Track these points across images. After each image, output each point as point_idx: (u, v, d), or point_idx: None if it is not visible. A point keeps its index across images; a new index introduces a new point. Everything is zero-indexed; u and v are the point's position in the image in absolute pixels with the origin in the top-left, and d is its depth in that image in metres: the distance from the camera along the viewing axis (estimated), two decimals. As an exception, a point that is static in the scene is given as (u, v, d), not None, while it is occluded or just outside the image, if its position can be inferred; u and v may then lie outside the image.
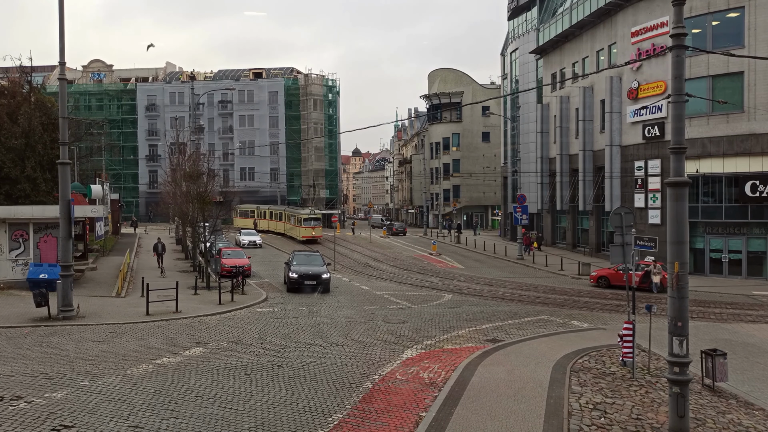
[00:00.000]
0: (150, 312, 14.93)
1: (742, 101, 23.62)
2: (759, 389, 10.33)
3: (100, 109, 62.15)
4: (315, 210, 42.21)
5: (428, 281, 23.97)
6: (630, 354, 10.72)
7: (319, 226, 39.68)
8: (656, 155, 26.37)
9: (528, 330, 14.62)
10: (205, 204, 21.83)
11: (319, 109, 62.22)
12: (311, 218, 39.15)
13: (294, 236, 40.57)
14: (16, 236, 18.25)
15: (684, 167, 7.94)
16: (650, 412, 8.79)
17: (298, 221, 39.94)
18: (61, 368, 10.14)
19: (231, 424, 7.82)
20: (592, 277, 23.13)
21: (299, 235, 39.21)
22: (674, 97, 7.88)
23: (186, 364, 10.67)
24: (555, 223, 37.87)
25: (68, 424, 7.53)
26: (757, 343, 13.46)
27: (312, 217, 39.30)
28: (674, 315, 7.73)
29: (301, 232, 39.00)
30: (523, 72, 41.72)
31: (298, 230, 39.75)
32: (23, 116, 23.05)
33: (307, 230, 38.63)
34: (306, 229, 38.69)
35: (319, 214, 41.49)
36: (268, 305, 17.52)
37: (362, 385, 9.73)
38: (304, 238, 38.30)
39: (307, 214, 39.50)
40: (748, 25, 23.45)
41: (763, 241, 24.11)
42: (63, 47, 13.89)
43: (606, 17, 30.14)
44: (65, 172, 14.20)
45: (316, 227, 39.21)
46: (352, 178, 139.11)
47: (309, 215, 39.42)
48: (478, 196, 58.67)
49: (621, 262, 11.06)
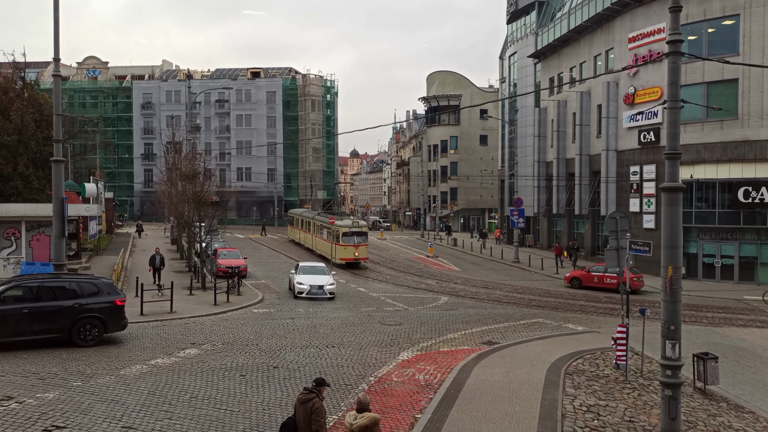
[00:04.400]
0: (144, 312, 14.86)
1: (736, 108, 23.85)
2: (749, 392, 10.42)
3: (95, 106, 61.74)
4: (359, 220, 29.00)
5: (425, 283, 23.98)
6: (623, 357, 10.78)
7: (364, 244, 26.97)
8: (651, 160, 26.57)
9: (523, 332, 14.67)
10: (201, 204, 21.73)
11: (317, 109, 62.19)
12: (354, 232, 26.55)
13: (325, 255, 28.15)
14: (8, 234, 18.10)
15: (679, 173, 8.02)
16: (643, 414, 8.85)
17: (334, 235, 27.16)
18: (53, 368, 10.06)
19: (226, 426, 7.79)
20: (566, 278, 24.04)
21: (335, 255, 26.75)
22: (670, 103, 7.96)
23: (180, 364, 10.62)
24: (551, 226, 38.03)
25: (60, 424, 7.47)
26: (748, 347, 13.58)
27: (355, 230, 26.65)
28: (667, 319, 7.79)
29: (339, 252, 26.48)
30: (521, 76, 41.92)
31: (332, 248, 27.13)
32: (16, 113, 22.87)
33: (348, 250, 26.18)
34: (346, 249, 26.22)
35: (365, 226, 28.39)
36: (263, 306, 17.47)
37: (358, 386, 9.72)
38: (343, 261, 26.33)
39: (348, 226, 26.70)
40: (743, 33, 23.70)
41: (755, 246, 24.33)
42: (57, 43, 13.81)
43: (604, 22, 30.36)
44: (59, 170, 14.11)
45: (360, 245, 26.56)
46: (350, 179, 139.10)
47: (351, 227, 26.66)
48: (476, 199, 58.83)
49: (616, 265, 11.13)
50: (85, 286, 11.92)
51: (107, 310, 11.83)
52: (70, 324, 11.43)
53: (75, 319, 11.44)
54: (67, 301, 11.49)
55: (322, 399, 5.96)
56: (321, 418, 5.71)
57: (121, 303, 12.20)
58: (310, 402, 5.77)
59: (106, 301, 11.89)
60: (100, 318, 11.69)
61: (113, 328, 12.05)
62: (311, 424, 5.66)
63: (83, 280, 12.34)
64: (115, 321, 12.00)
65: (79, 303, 11.56)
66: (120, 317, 12.14)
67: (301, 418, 5.76)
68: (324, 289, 18.64)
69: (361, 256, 26.71)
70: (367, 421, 5.65)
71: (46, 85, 40.81)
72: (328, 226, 28.33)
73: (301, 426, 5.75)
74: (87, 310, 11.57)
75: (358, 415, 5.75)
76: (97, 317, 11.65)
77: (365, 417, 5.70)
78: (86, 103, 61.70)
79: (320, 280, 18.96)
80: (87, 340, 11.54)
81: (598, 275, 22.78)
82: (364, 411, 5.79)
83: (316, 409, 5.71)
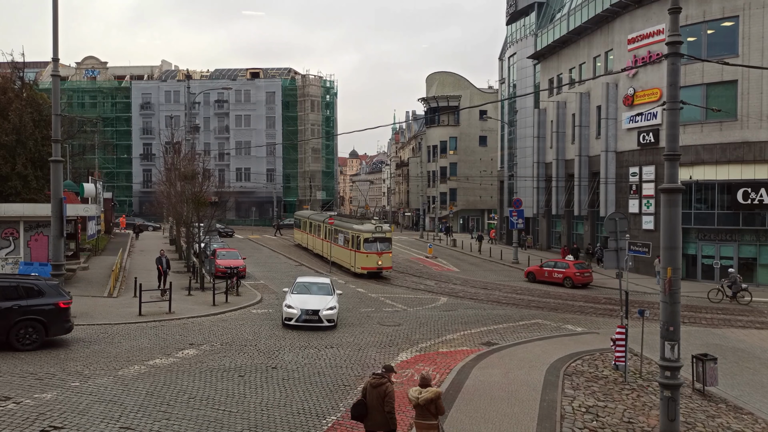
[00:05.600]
0: (143, 312, 14.83)
1: (735, 109, 23.89)
2: (748, 394, 10.42)
3: (94, 106, 61.70)
4: (382, 224, 25.32)
5: (424, 284, 23.95)
6: (622, 358, 10.78)
7: (388, 252, 24.15)
8: (651, 161, 26.59)
9: (522, 333, 14.66)
10: (200, 204, 21.70)
11: (316, 110, 62.21)
12: (377, 238, 23.66)
13: (342, 264, 25.64)
14: (6, 234, 18.05)
15: (678, 174, 8.02)
16: (641, 415, 8.84)
17: (353, 241, 24.10)
18: (51, 369, 10.03)
19: (224, 426, 7.77)
20: (525, 272, 25.90)
21: (355, 264, 24.02)
22: (669, 105, 7.96)
23: (179, 365, 10.60)
24: (550, 227, 38.05)
25: (58, 425, 7.44)
26: (747, 348, 13.58)
27: (378, 236, 23.70)
28: (666, 320, 7.78)
29: (359, 261, 23.77)
30: (520, 77, 41.97)
31: (352, 256, 24.33)
32: (14, 112, 22.84)
33: (370, 258, 23.46)
34: (368, 257, 23.48)
35: (389, 231, 25.20)
36: (262, 307, 17.44)
37: (357, 387, 9.70)
38: (365, 271, 23.65)
39: (371, 231, 23.62)
40: (742, 34, 23.74)
41: (754, 247, 24.36)
42: (56, 43, 13.80)
43: (603, 24, 30.40)
44: (57, 170, 14.09)
45: (384, 253, 23.81)
46: (349, 180, 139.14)
47: (374, 233, 23.61)
48: (475, 199, 58.87)
49: (615, 266, 11.14)
50: (26, 288, 11.43)
51: (49, 312, 11.26)
52: (7, 327, 10.92)
53: (13, 322, 11.00)
54: (6, 303, 11.06)
55: (393, 383, 6.71)
56: (393, 400, 6.45)
57: (65, 305, 11.56)
58: (382, 386, 6.48)
59: (49, 303, 11.31)
60: (41, 321, 11.22)
61: (56, 332, 11.46)
62: (384, 405, 6.40)
63: (24, 281, 11.78)
64: (58, 324, 11.40)
65: (18, 305, 11.13)
66: (64, 320, 11.51)
67: (374, 399, 6.45)
68: (320, 315, 14.20)
69: (384, 264, 23.81)
70: (431, 395, 6.37)
71: (45, 85, 40.78)
72: (346, 230, 25.37)
73: (373, 407, 6.45)
74: (27, 312, 11.14)
75: (422, 389, 6.43)
76: (37, 320, 11.19)
77: (429, 391, 6.41)
78: (85, 103, 61.66)
79: (316, 303, 14.48)
80: (25, 344, 11.08)
81: (548, 270, 24.56)
82: (427, 386, 6.49)
83: (389, 393, 6.44)
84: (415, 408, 6.48)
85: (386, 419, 6.38)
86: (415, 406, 6.46)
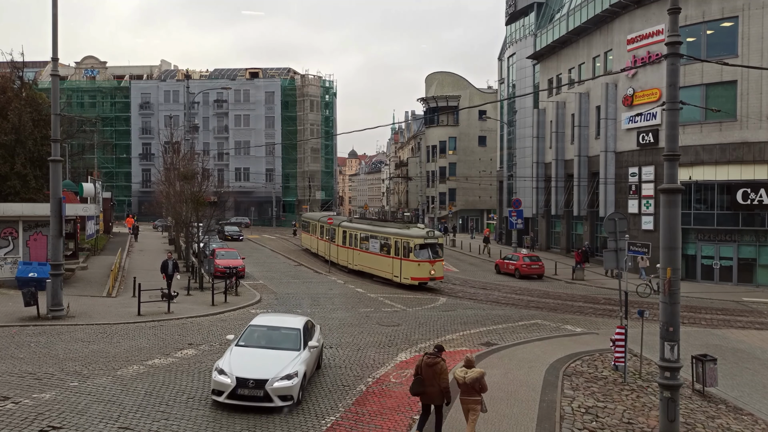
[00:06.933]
0: (141, 312, 14.80)
1: (735, 110, 23.89)
2: (748, 394, 10.43)
3: (93, 106, 61.66)
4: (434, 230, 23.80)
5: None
6: (622, 358, 10.77)
7: (441, 260, 21.99)
8: (650, 162, 26.60)
9: (522, 334, 14.65)
10: (199, 204, 21.68)
11: (315, 110, 62.18)
12: (429, 245, 21.48)
13: (381, 274, 23.11)
14: (5, 234, 18.02)
15: (677, 174, 8.02)
16: (641, 416, 8.83)
17: (400, 248, 21.82)
18: (49, 368, 10.01)
19: (223, 426, 7.76)
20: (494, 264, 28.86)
21: (403, 274, 21.67)
22: (669, 105, 7.96)
23: (178, 365, 10.58)
24: (550, 227, 38.06)
25: (56, 425, 7.43)
26: (747, 348, 13.58)
27: (431, 242, 21.56)
28: (666, 320, 7.78)
29: (408, 270, 21.41)
30: (519, 77, 41.97)
31: (397, 265, 21.93)
32: (13, 112, 22.82)
33: (423, 267, 21.16)
34: (420, 266, 21.16)
35: (441, 237, 23.50)
36: (261, 307, 17.41)
37: (356, 387, 9.70)
38: (415, 282, 21.38)
39: (423, 237, 21.52)
40: (741, 35, 23.75)
41: (753, 248, 24.36)
42: (56, 43, 13.78)
43: (602, 24, 30.40)
44: (56, 170, 14.06)
45: (437, 261, 21.57)
46: (349, 180, 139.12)
47: (426, 239, 21.50)
48: (474, 199, 58.89)
49: (614, 266, 11.14)
50: None
51: None
52: None
53: None
54: None
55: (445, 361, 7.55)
56: (447, 377, 7.40)
57: None
58: (437, 365, 7.37)
59: None
60: None
61: None
62: (440, 381, 7.31)
63: None
64: None
65: None
66: None
67: (430, 376, 7.33)
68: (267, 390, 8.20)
69: (437, 274, 21.49)
70: (477, 374, 7.25)
71: (45, 85, 40.76)
72: (385, 236, 22.93)
73: (430, 382, 7.32)
74: None
75: (467, 370, 7.34)
76: None
77: (474, 371, 7.31)
78: (84, 102, 61.60)
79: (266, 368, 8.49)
80: None
81: (507, 262, 27.49)
82: (471, 367, 7.40)
83: (444, 370, 7.40)
84: (461, 386, 7.29)
85: (442, 393, 7.29)
86: (461, 385, 7.26)
